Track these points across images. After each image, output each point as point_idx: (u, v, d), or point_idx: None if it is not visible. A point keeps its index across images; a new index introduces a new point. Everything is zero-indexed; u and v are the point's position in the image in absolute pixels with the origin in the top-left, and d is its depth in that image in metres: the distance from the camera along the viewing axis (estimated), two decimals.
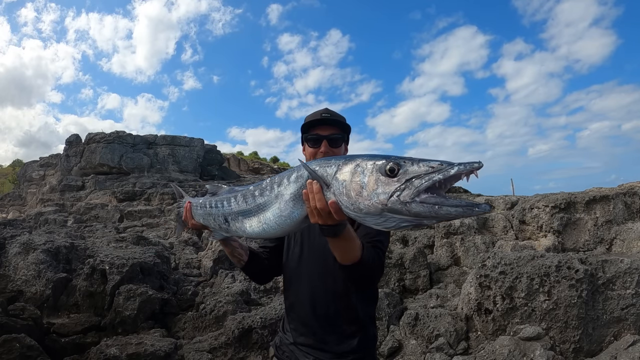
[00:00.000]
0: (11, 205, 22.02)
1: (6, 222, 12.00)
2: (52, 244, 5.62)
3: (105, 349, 3.64)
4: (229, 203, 1.42)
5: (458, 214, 0.94)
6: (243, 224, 1.36)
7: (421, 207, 0.96)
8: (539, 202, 5.82)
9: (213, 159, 24.89)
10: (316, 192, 1.09)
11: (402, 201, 0.97)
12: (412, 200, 0.96)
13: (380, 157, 1.07)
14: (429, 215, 0.96)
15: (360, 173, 1.06)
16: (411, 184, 0.98)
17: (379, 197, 1.00)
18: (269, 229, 1.27)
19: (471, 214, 0.94)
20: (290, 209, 1.20)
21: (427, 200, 0.96)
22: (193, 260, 7.74)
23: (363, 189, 1.03)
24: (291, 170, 1.25)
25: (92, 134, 21.91)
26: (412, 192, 0.97)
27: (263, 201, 1.27)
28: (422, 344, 3.79)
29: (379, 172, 1.03)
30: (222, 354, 4.07)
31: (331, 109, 1.66)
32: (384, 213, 1.00)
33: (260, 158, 35.76)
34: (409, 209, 0.97)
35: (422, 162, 1.01)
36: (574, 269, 3.49)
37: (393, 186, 0.99)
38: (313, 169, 1.14)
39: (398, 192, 0.98)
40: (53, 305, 4.96)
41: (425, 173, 0.98)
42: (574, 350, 3.36)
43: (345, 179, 1.07)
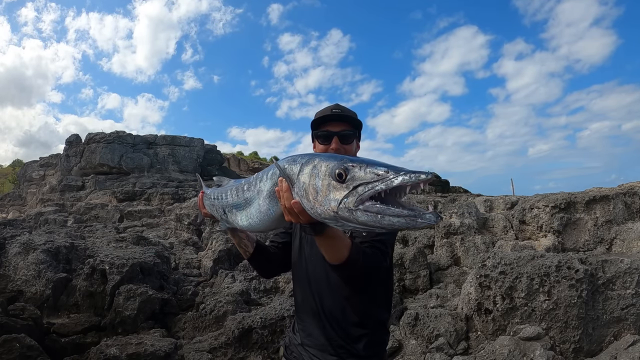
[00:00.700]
0: (11, 205, 22.02)
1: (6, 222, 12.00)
2: (52, 244, 5.62)
3: (105, 349, 3.64)
4: (226, 195, 1.44)
5: (401, 225, 0.89)
6: (236, 216, 1.37)
7: (365, 216, 0.92)
8: (539, 202, 5.82)
9: (213, 159, 24.90)
10: (284, 190, 1.07)
11: (348, 208, 0.94)
12: (355, 208, 0.93)
13: (335, 159, 1.03)
14: (374, 224, 0.92)
15: (316, 176, 1.03)
16: (355, 191, 0.94)
17: (330, 203, 0.97)
18: (254, 223, 1.27)
19: (414, 225, 0.89)
20: (267, 206, 1.20)
21: (369, 209, 0.92)
22: (193, 260, 7.74)
23: (317, 193, 1.00)
24: (271, 167, 1.24)
25: (92, 134, 21.92)
26: (355, 199, 0.94)
27: (249, 196, 1.28)
28: (422, 344, 3.79)
29: (331, 176, 1.00)
30: (222, 354, 4.07)
31: (342, 105, 1.62)
32: (338, 220, 0.98)
33: (260, 158, 35.78)
34: (355, 217, 0.94)
35: (369, 167, 0.97)
36: (574, 269, 3.49)
37: (342, 192, 0.96)
38: (282, 167, 1.13)
39: (345, 200, 0.95)
40: (53, 305, 4.97)
41: (370, 180, 0.94)
42: (574, 350, 3.36)
43: (305, 180, 1.05)
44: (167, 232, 11.41)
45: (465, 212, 6.45)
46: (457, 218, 6.38)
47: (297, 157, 1.14)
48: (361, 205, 0.93)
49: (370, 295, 1.50)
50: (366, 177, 0.95)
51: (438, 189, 20.69)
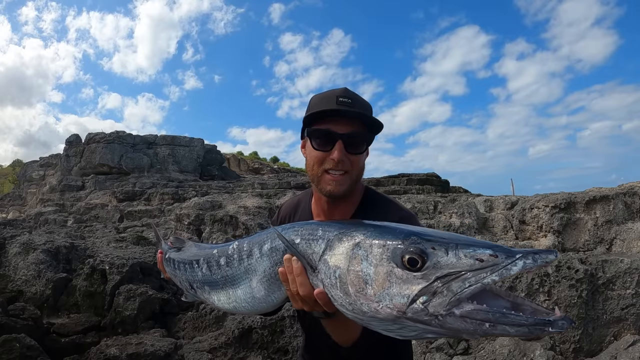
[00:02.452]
0: (11, 205, 22.02)
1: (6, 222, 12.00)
2: (52, 244, 5.62)
3: (105, 349, 3.64)
4: (192, 268, 1.14)
5: (520, 335, 0.63)
6: (210, 295, 1.09)
7: (462, 324, 0.65)
8: (539, 202, 5.82)
9: (213, 159, 24.91)
10: (297, 273, 0.80)
11: (431, 312, 0.66)
12: (448, 313, 0.65)
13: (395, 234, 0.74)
14: (472, 333, 0.65)
15: (363, 259, 0.73)
16: (447, 289, 0.65)
17: (394, 300, 0.69)
18: (241, 308, 1.00)
19: (541, 334, 0.63)
20: (264, 291, 0.92)
21: (472, 315, 0.64)
22: None
23: (367, 284, 0.72)
24: (263, 236, 0.95)
25: (92, 134, 21.94)
26: (449, 301, 0.65)
27: (230, 273, 0.99)
28: (422, 344, 3.79)
29: (393, 261, 0.71)
30: (222, 354, 4.07)
31: (352, 91, 1.09)
32: (400, 320, 0.70)
33: (260, 158, 35.79)
34: (442, 322, 0.66)
35: (463, 249, 0.67)
36: (574, 269, 3.49)
37: (416, 286, 0.67)
38: (292, 242, 0.83)
39: (425, 298, 0.66)
40: (53, 305, 4.97)
41: (470, 270, 0.65)
42: (574, 350, 3.36)
43: (339, 265, 0.76)
44: (167, 232, 11.41)
45: (465, 212, 6.45)
46: (457, 218, 6.38)
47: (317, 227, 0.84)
48: (457, 308, 0.65)
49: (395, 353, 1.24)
50: (459, 265, 0.66)
51: (438, 189, 20.68)
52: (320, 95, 1.11)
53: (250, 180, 19.47)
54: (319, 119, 1.06)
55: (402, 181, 21.34)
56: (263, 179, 19.36)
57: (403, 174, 22.65)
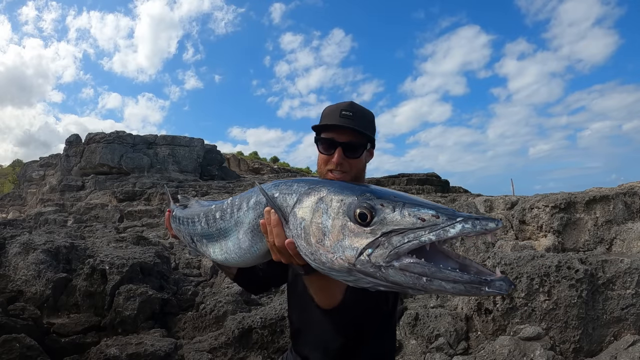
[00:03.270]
0: (11, 205, 22.02)
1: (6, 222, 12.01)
2: (52, 244, 5.62)
3: (105, 349, 3.65)
4: (193, 222, 1.22)
5: (456, 292, 0.66)
6: (207, 247, 1.16)
7: (401, 276, 0.68)
8: (539, 202, 5.82)
9: (213, 159, 24.92)
10: (274, 224, 0.86)
11: (374, 263, 0.70)
12: (387, 265, 0.69)
13: (352, 192, 0.79)
14: (412, 287, 0.69)
15: (323, 212, 0.79)
16: (388, 241, 0.70)
17: (345, 252, 0.73)
18: (231, 259, 1.06)
19: (477, 293, 0.65)
20: (249, 242, 0.98)
21: (409, 268, 0.68)
22: (193, 260, 7.74)
23: (325, 236, 0.77)
24: (251, 191, 1.02)
25: (92, 134, 21.95)
26: (389, 253, 0.69)
27: (223, 226, 1.06)
28: (422, 344, 3.79)
29: (347, 215, 0.76)
30: (222, 354, 4.07)
31: (357, 104, 1.32)
32: (352, 272, 0.74)
33: (260, 158, 35.79)
34: (385, 275, 0.70)
35: (409, 208, 0.72)
36: (574, 269, 3.49)
37: (364, 240, 0.72)
38: (271, 195, 0.89)
39: (369, 250, 0.71)
40: (53, 305, 4.96)
41: (412, 228, 0.69)
42: (574, 350, 3.36)
43: (304, 216, 0.81)
44: (167, 232, 11.40)
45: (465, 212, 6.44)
46: None
47: (293, 184, 0.90)
48: (396, 261, 0.69)
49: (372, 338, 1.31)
50: (403, 222, 0.71)
51: (438, 189, 20.69)
52: (330, 107, 1.34)
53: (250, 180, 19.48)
54: (325, 128, 1.30)
55: (402, 181, 21.34)
56: (263, 179, 19.36)
57: (403, 174, 22.67)
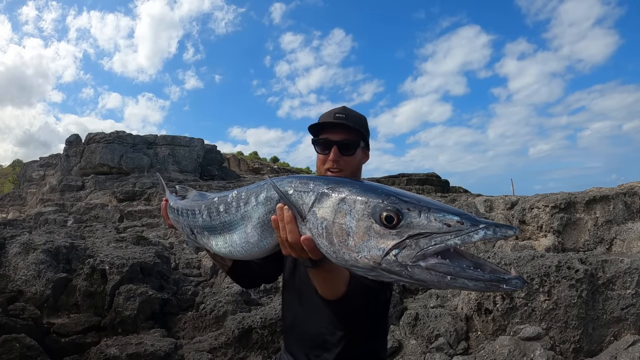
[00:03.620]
0: (11, 205, 22.02)
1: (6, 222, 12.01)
2: (52, 244, 5.62)
3: (105, 349, 3.65)
4: (194, 214, 1.22)
5: (477, 289, 0.72)
6: (209, 240, 1.17)
7: (427, 275, 0.74)
8: (539, 202, 5.81)
9: (213, 159, 24.91)
10: (287, 221, 0.88)
11: (400, 263, 0.75)
12: (414, 264, 0.74)
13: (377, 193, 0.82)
14: (436, 284, 0.74)
15: (346, 213, 0.81)
16: (415, 244, 0.74)
17: (371, 252, 0.77)
18: (236, 252, 1.08)
19: (496, 290, 0.72)
20: (257, 237, 1.00)
21: (435, 268, 0.73)
22: (193, 260, 7.74)
23: (349, 236, 0.80)
24: (260, 186, 1.03)
25: (92, 134, 21.94)
26: (416, 254, 0.74)
27: (228, 219, 1.07)
28: (422, 344, 3.79)
29: (372, 217, 0.79)
30: (222, 354, 4.07)
31: (349, 108, 1.42)
32: (376, 271, 0.79)
33: (260, 158, 35.79)
34: (410, 273, 0.75)
35: (435, 213, 0.76)
36: (574, 269, 3.49)
37: (390, 241, 0.76)
38: (285, 192, 0.91)
39: (396, 251, 0.75)
40: (53, 305, 4.96)
41: (438, 232, 0.74)
42: (574, 350, 3.36)
43: (326, 217, 0.84)
44: (167, 232, 11.41)
45: None
46: None
47: (309, 182, 0.91)
48: (422, 261, 0.74)
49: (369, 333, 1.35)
50: (430, 227, 0.75)
51: (438, 189, 20.69)
52: (324, 113, 1.43)
53: (250, 180, 19.47)
54: (321, 130, 1.39)
55: (402, 181, 21.34)
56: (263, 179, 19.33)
57: (403, 174, 22.67)
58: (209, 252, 1.29)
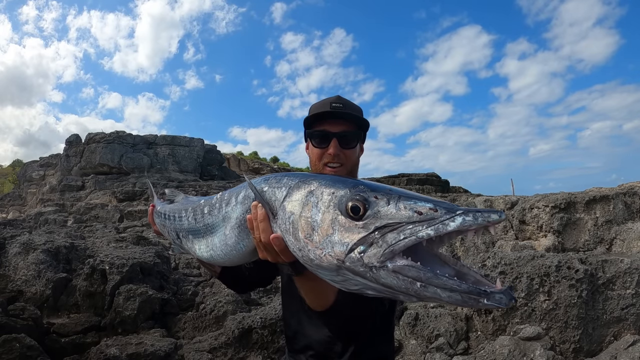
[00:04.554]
0: (11, 205, 22.02)
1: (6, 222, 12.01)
2: (52, 244, 5.62)
3: (105, 349, 3.64)
4: (180, 217, 1.16)
5: (452, 302, 0.61)
6: (193, 244, 1.10)
7: (393, 279, 0.63)
8: (539, 202, 5.81)
9: (213, 159, 24.91)
10: (260, 220, 0.82)
11: (365, 263, 0.65)
12: (381, 266, 0.64)
13: (346, 184, 0.75)
14: (404, 292, 0.64)
15: (313, 206, 0.74)
16: (382, 239, 0.65)
17: (334, 247, 0.68)
18: (217, 256, 1.01)
19: (475, 305, 0.61)
20: (235, 238, 0.93)
21: (403, 271, 0.62)
22: (193, 260, 7.73)
23: (314, 231, 0.72)
24: (241, 186, 0.97)
25: (92, 134, 21.95)
26: (383, 252, 0.64)
27: (211, 222, 1.01)
28: (422, 344, 3.79)
29: (338, 208, 0.71)
30: (222, 354, 4.06)
31: (344, 97, 1.29)
32: (341, 271, 0.70)
33: (260, 158, 35.81)
34: (376, 276, 0.65)
35: (405, 200, 0.67)
36: (574, 269, 3.49)
37: (356, 234, 0.67)
38: (260, 189, 0.86)
39: (362, 248, 0.65)
40: (53, 305, 4.96)
41: (407, 222, 0.64)
42: (574, 350, 3.36)
43: (293, 210, 0.77)
44: None
45: None
46: None
47: (283, 177, 0.87)
48: (390, 262, 0.63)
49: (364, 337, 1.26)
50: (399, 216, 0.65)
51: (438, 189, 20.70)
52: (318, 103, 1.31)
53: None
54: (316, 122, 1.26)
55: (402, 181, 21.35)
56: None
57: (403, 174, 22.68)
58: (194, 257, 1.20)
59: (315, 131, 1.26)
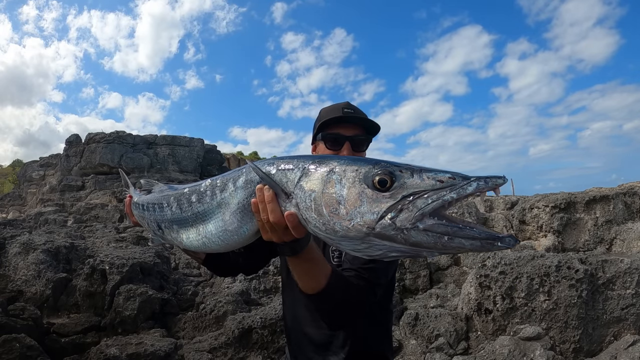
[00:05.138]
0: (11, 205, 22.02)
1: (6, 222, 12.00)
2: (52, 244, 5.62)
3: (105, 349, 3.64)
4: (161, 208, 1.16)
5: (473, 248, 0.72)
6: (179, 234, 1.10)
7: (424, 237, 0.73)
8: (539, 202, 5.81)
9: (213, 159, 24.92)
10: (268, 200, 0.85)
11: (398, 226, 0.73)
12: (412, 227, 0.73)
13: (365, 162, 0.82)
14: (433, 247, 0.73)
15: (337, 182, 0.81)
16: (412, 205, 0.74)
17: (364, 217, 0.76)
18: (211, 243, 1.03)
19: (490, 249, 0.72)
20: (237, 223, 0.96)
21: (433, 229, 0.72)
22: (193, 260, 7.73)
23: (340, 204, 0.78)
24: (238, 171, 0.99)
25: (92, 134, 21.94)
26: (414, 215, 0.73)
27: (202, 209, 1.02)
28: (422, 344, 3.79)
29: (364, 182, 0.78)
30: (222, 354, 4.06)
31: (353, 104, 1.38)
32: (368, 238, 0.77)
33: (260, 158, 35.81)
34: (407, 237, 0.73)
35: (426, 172, 0.77)
36: (574, 269, 3.49)
37: (385, 204, 0.75)
38: (267, 173, 0.89)
39: (393, 214, 0.74)
40: (53, 305, 4.96)
41: (432, 189, 0.74)
42: (574, 350, 3.36)
43: (315, 188, 0.82)
44: None
45: (465, 212, 6.44)
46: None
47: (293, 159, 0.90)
48: (420, 223, 0.73)
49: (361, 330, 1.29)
50: (424, 185, 0.75)
51: None
52: (328, 107, 1.38)
53: None
54: (329, 126, 1.33)
55: None
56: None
57: None
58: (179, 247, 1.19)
59: (329, 134, 1.32)
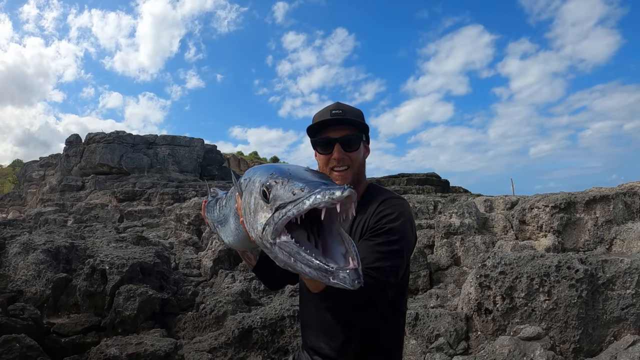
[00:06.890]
0: (11, 205, 22.01)
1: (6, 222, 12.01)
2: (52, 244, 5.62)
3: (105, 349, 3.64)
4: (213, 209, 1.32)
5: (312, 276, 0.69)
6: (219, 232, 1.26)
7: (281, 254, 0.72)
8: (539, 202, 5.81)
9: (213, 159, 24.92)
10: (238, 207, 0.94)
11: (268, 240, 0.74)
12: (273, 242, 0.73)
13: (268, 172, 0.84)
14: (291, 266, 0.71)
15: (250, 193, 0.85)
16: (272, 219, 0.74)
17: (257, 227, 0.78)
18: (231, 242, 1.15)
19: (326, 282, 0.68)
20: (234, 224, 1.07)
21: (284, 247, 0.71)
22: (193, 260, 7.73)
23: (250, 214, 0.84)
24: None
25: (92, 134, 21.96)
26: (272, 230, 0.73)
27: (225, 212, 1.17)
28: (422, 344, 3.79)
29: (259, 193, 0.80)
30: (222, 354, 4.06)
31: (343, 103, 1.38)
32: (264, 247, 0.78)
33: (260, 158, 35.83)
34: (274, 252, 0.74)
35: (290, 183, 0.75)
36: (574, 269, 3.49)
37: (267, 214, 0.76)
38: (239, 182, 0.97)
39: (267, 227, 0.75)
40: (53, 305, 4.97)
41: (288, 201, 0.72)
42: (574, 350, 3.36)
43: (245, 198, 0.89)
44: (167, 232, 11.41)
45: (465, 212, 6.44)
46: (457, 218, 6.37)
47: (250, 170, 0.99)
48: (278, 238, 0.73)
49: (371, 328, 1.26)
50: (285, 197, 0.73)
51: (438, 189, 20.69)
52: (319, 112, 1.39)
53: None
54: (319, 130, 1.34)
55: (402, 181, 21.35)
56: None
57: (403, 174, 22.67)
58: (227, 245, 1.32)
59: (319, 139, 1.34)
